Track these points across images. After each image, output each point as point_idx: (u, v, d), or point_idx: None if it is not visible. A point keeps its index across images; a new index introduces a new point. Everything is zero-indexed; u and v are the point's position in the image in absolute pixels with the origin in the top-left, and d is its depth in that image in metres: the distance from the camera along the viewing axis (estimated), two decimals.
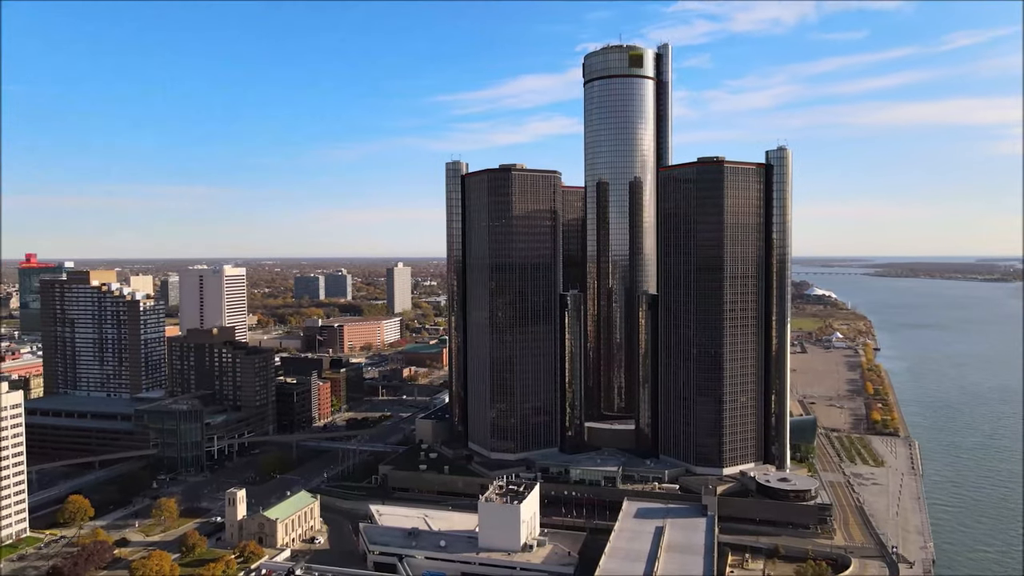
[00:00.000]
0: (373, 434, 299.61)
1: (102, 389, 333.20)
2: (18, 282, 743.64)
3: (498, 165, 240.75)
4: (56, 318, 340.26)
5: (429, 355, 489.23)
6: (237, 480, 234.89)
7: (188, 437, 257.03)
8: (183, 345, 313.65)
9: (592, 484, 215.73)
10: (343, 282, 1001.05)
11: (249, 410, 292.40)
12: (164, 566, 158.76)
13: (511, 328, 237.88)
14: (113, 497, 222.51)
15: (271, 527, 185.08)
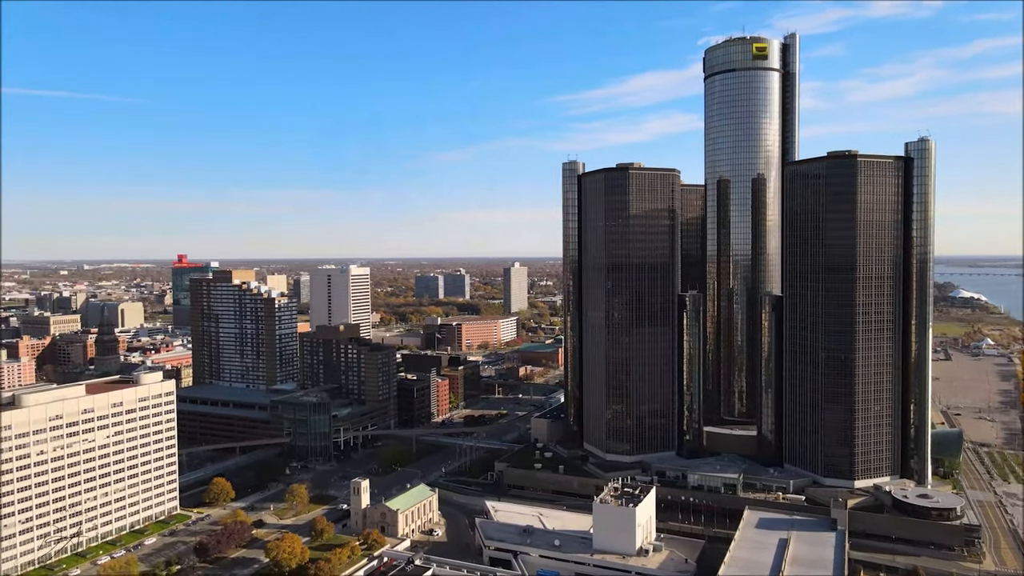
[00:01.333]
0: (489, 431, 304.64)
1: (242, 380, 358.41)
2: (171, 281, 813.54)
3: (615, 164, 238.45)
4: (203, 314, 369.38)
5: (545, 354, 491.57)
6: (361, 471, 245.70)
7: (317, 428, 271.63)
8: (313, 341, 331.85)
9: (711, 491, 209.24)
10: (461, 282, 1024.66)
11: (372, 404, 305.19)
12: (296, 548, 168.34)
13: (628, 329, 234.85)
14: (251, 481, 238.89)
15: (392, 517, 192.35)
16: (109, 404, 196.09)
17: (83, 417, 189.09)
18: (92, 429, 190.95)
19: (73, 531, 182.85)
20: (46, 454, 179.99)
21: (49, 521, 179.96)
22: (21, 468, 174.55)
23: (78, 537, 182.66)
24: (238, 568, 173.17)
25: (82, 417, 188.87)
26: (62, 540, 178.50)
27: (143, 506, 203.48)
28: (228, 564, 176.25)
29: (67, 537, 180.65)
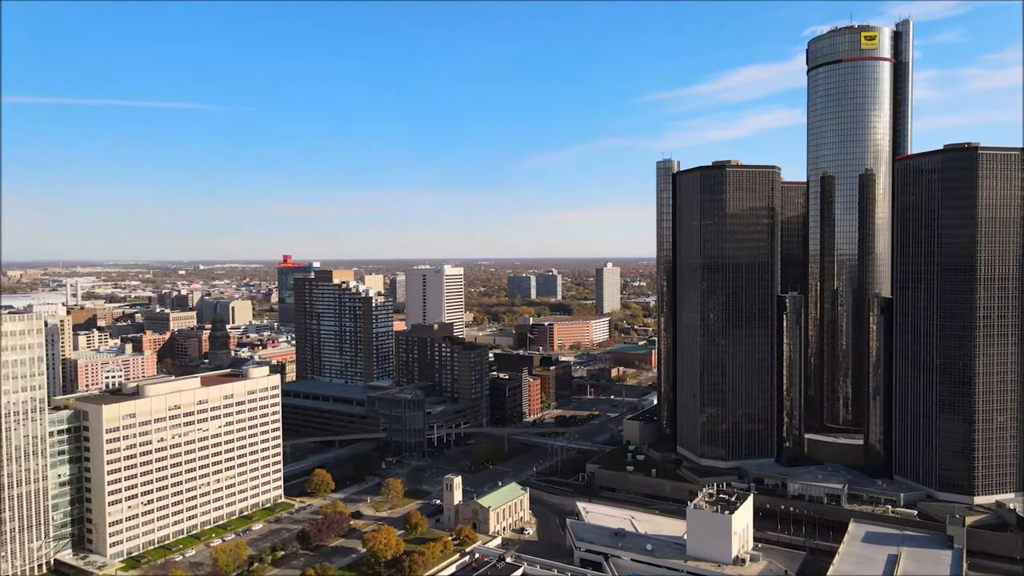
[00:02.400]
0: (580, 432, 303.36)
1: (341, 376, 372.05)
2: (277, 280, 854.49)
3: (711, 162, 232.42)
4: (305, 312, 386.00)
5: (637, 356, 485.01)
6: (454, 467, 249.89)
7: (412, 424, 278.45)
8: (408, 339, 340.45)
9: (813, 501, 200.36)
10: (554, 282, 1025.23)
11: (465, 402, 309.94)
12: (391, 540, 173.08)
13: (724, 331, 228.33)
14: (349, 473, 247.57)
15: (484, 514, 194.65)
16: (221, 396, 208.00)
17: (198, 408, 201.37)
18: (206, 419, 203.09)
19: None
20: (165, 441, 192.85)
21: (168, 504, 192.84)
22: (143, 454, 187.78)
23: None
24: (337, 557, 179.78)
25: (197, 408, 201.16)
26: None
27: (251, 493, 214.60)
28: (328, 552, 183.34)
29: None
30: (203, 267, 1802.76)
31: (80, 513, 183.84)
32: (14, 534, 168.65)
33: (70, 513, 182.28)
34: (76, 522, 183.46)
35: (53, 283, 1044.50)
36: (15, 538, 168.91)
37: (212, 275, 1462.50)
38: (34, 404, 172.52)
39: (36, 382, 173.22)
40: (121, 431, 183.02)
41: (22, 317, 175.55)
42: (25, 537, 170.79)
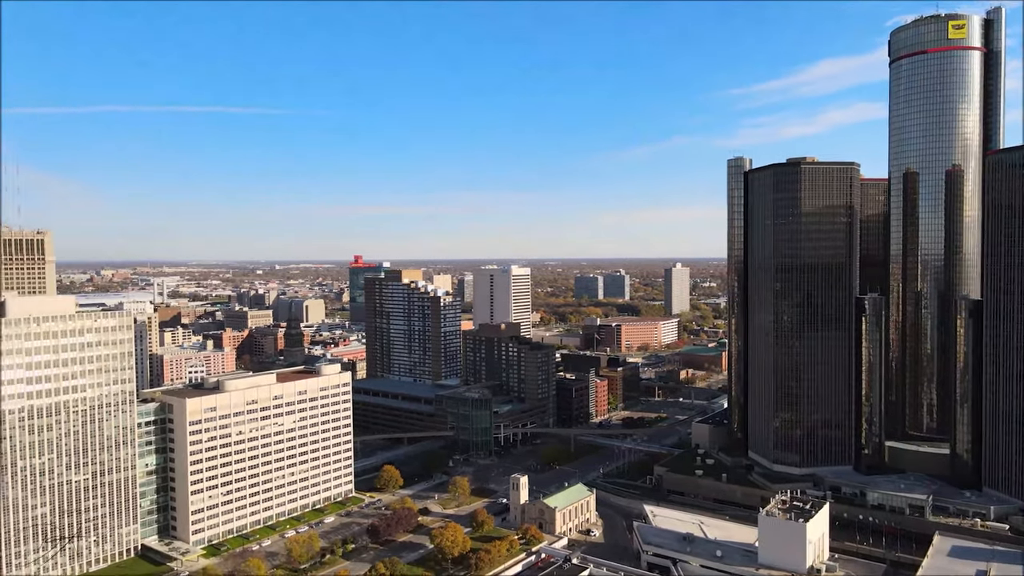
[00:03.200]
0: (648, 434, 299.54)
1: (410, 374, 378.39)
2: (348, 280, 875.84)
3: (785, 159, 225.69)
4: (376, 311, 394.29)
5: (707, 358, 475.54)
6: (520, 467, 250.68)
7: (479, 423, 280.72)
8: (475, 338, 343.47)
9: (894, 511, 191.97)
10: (621, 282, 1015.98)
11: (532, 402, 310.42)
12: (458, 537, 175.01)
13: (798, 333, 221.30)
14: (417, 470, 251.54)
15: (550, 514, 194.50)
16: (295, 392, 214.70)
17: (274, 403, 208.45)
18: (281, 414, 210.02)
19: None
20: (243, 434, 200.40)
21: (245, 495, 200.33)
22: (223, 446, 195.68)
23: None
24: (405, 552, 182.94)
25: (273, 403, 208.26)
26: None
27: (323, 487, 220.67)
28: (397, 547, 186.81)
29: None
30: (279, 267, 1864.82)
31: (165, 501, 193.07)
32: (105, 519, 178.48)
33: (156, 501, 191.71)
34: (162, 509, 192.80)
35: (142, 282, 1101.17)
36: (106, 523, 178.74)
37: (287, 275, 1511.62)
38: (124, 396, 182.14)
39: (126, 376, 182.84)
40: (203, 424, 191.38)
41: (114, 314, 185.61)
42: (115, 522, 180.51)
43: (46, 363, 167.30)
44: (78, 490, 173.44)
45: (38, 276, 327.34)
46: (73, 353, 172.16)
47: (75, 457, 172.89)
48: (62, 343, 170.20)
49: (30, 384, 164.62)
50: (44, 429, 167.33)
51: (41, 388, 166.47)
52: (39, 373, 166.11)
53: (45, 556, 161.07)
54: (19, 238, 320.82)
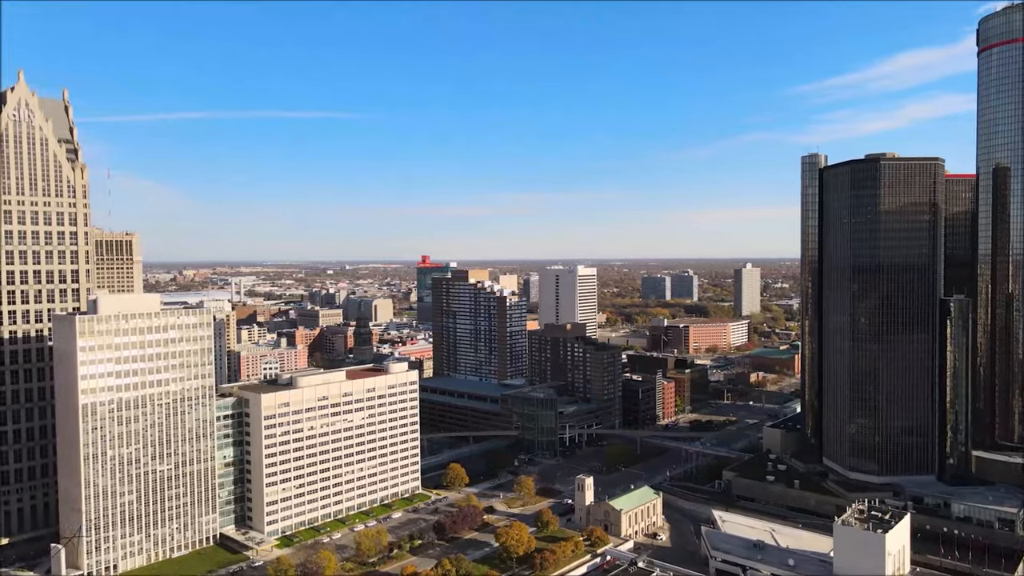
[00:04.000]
0: (716, 438, 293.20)
1: (475, 373, 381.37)
2: (416, 279, 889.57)
3: (864, 155, 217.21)
4: (442, 310, 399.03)
5: (779, 360, 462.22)
6: (585, 468, 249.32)
7: (544, 423, 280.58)
8: (541, 338, 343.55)
9: (982, 524, 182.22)
10: (689, 283, 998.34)
11: (597, 403, 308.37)
12: (523, 537, 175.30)
13: (876, 336, 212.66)
14: (482, 469, 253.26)
15: (616, 516, 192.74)
16: (364, 389, 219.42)
17: (343, 399, 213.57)
18: (351, 411, 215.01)
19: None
20: (315, 430, 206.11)
21: (317, 489, 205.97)
22: (296, 440, 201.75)
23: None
24: (471, 549, 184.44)
25: (343, 399, 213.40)
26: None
27: (390, 483, 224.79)
28: (462, 544, 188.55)
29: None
30: (349, 267, 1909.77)
31: (242, 492, 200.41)
32: (187, 508, 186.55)
33: (233, 492, 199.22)
34: (238, 500, 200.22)
35: (220, 282, 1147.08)
36: (188, 511, 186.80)
37: (357, 275, 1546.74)
38: (204, 391, 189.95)
39: (206, 371, 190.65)
40: (276, 418, 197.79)
41: (195, 312, 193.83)
42: (196, 511, 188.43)
43: (133, 358, 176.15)
44: (162, 479, 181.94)
45: (126, 276, 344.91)
46: (158, 348, 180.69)
47: (159, 448, 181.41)
48: (148, 339, 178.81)
49: (118, 377, 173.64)
50: (131, 420, 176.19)
51: (128, 382, 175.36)
52: (127, 367, 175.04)
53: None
54: (109, 240, 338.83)
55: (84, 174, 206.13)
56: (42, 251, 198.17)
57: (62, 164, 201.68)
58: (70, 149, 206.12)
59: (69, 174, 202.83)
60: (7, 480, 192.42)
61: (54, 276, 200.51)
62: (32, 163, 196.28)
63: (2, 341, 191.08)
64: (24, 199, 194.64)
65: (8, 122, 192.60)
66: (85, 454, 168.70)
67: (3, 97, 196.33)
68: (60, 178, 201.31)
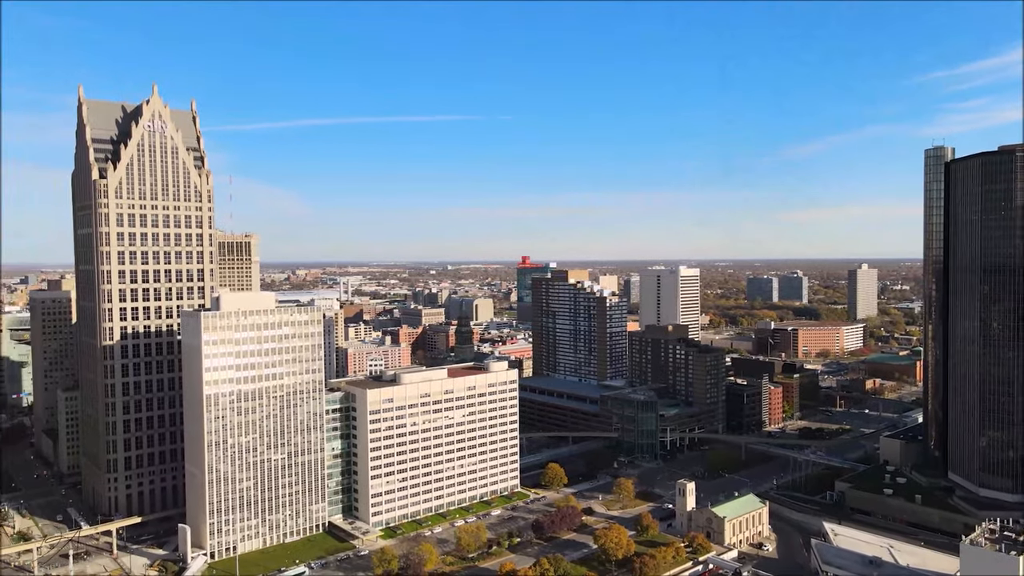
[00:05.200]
0: (828, 447, 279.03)
1: (575, 374, 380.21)
2: (516, 280, 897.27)
3: (996, 147, 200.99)
4: (542, 310, 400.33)
5: (898, 367, 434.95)
6: (686, 472, 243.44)
7: (644, 425, 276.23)
8: (642, 339, 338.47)
9: None
10: (798, 284, 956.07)
11: (700, 406, 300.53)
12: (622, 540, 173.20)
13: (1010, 342, 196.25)
14: (581, 469, 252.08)
15: (719, 524, 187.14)
16: (465, 387, 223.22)
17: (445, 397, 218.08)
18: (452, 408, 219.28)
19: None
20: (417, 426, 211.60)
21: (419, 483, 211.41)
22: (399, 435, 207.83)
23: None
24: (569, 550, 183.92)
25: (444, 397, 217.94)
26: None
27: (490, 480, 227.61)
28: (560, 544, 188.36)
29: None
30: (451, 267, 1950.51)
31: (349, 483, 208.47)
32: (298, 496, 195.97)
33: (341, 483, 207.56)
34: (345, 491, 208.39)
35: (330, 281, 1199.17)
36: (299, 499, 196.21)
37: (458, 275, 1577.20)
38: (314, 385, 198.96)
39: (316, 366, 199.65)
40: (381, 413, 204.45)
41: (307, 310, 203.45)
42: (307, 499, 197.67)
43: (250, 352, 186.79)
44: (276, 468, 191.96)
45: (245, 275, 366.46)
46: (272, 344, 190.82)
47: (274, 438, 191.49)
48: (264, 335, 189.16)
49: (238, 371, 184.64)
50: (249, 411, 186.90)
51: (246, 375, 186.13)
52: (245, 361, 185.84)
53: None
54: (230, 241, 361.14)
55: (209, 180, 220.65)
56: (172, 252, 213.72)
57: (190, 171, 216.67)
58: (197, 156, 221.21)
59: (196, 180, 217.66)
60: (141, 463, 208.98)
61: (183, 275, 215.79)
62: (164, 170, 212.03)
63: (138, 335, 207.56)
64: (157, 203, 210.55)
65: (143, 133, 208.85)
66: (208, 441, 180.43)
67: (139, 110, 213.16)
68: (188, 184, 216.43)
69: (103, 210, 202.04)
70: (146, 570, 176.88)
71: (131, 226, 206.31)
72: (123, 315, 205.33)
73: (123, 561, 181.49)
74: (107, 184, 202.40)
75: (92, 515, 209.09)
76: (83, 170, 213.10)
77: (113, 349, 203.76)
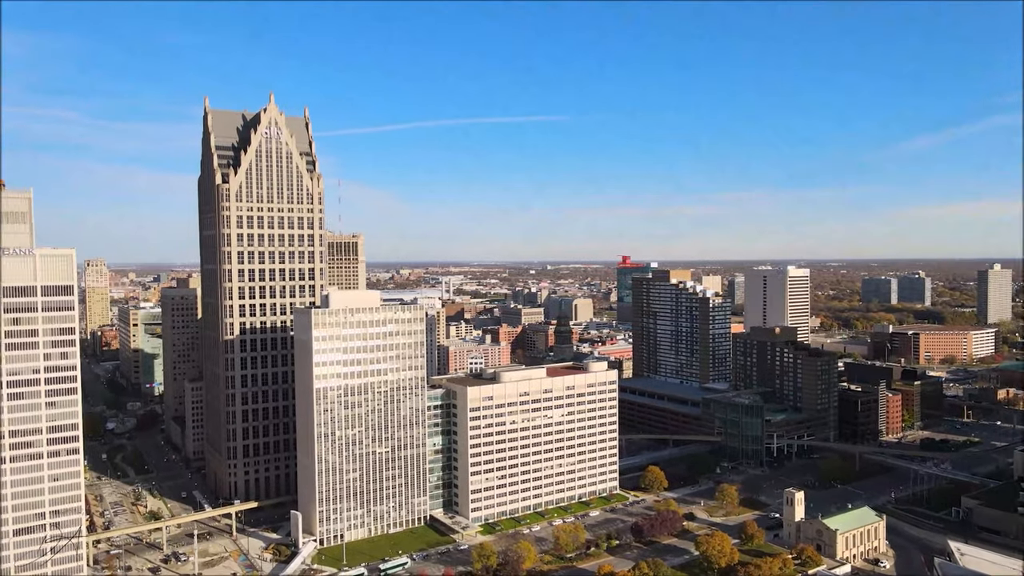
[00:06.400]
0: (953, 459, 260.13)
1: (676, 376, 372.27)
2: (616, 280, 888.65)
3: None
4: (643, 311, 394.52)
5: None
6: (795, 481, 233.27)
7: (749, 430, 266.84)
8: (746, 342, 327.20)
9: None
10: (920, 285, 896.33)
11: (809, 412, 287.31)
12: (725, 548, 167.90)
13: None
14: (681, 473, 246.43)
15: (830, 537, 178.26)
16: (564, 386, 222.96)
17: (544, 396, 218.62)
18: (550, 407, 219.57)
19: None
20: (516, 424, 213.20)
21: (517, 481, 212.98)
22: (499, 433, 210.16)
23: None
24: (669, 555, 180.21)
25: (543, 396, 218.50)
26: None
27: (588, 481, 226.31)
28: (660, 549, 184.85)
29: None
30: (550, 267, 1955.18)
31: (449, 479, 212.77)
32: (401, 488, 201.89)
33: (442, 478, 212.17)
34: (446, 486, 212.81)
35: (432, 280, 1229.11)
36: (402, 492, 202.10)
37: (558, 275, 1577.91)
38: (417, 381, 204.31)
39: (419, 363, 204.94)
40: (481, 411, 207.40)
41: (410, 308, 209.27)
42: (409, 492, 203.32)
43: (357, 348, 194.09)
44: (380, 460, 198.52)
45: (351, 274, 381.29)
46: (378, 340, 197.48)
47: (379, 432, 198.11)
48: (369, 332, 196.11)
49: (345, 366, 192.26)
50: (355, 405, 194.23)
51: (353, 370, 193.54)
52: (351, 356, 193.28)
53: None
54: (338, 241, 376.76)
55: (319, 183, 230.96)
56: (286, 252, 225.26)
57: (303, 174, 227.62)
58: (309, 161, 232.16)
59: (308, 183, 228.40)
60: (257, 451, 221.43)
61: (295, 274, 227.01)
62: (279, 175, 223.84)
63: (255, 330, 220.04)
64: (272, 206, 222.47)
65: (261, 139, 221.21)
66: (318, 433, 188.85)
67: (257, 117, 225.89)
68: (301, 187, 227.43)
69: (225, 213, 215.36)
70: (261, 552, 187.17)
71: (249, 228, 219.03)
72: (241, 311, 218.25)
73: (241, 543, 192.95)
74: (228, 188, 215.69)
75: (214, 498, 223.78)
76: (208, 175, 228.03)
77: (233, 343, 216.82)
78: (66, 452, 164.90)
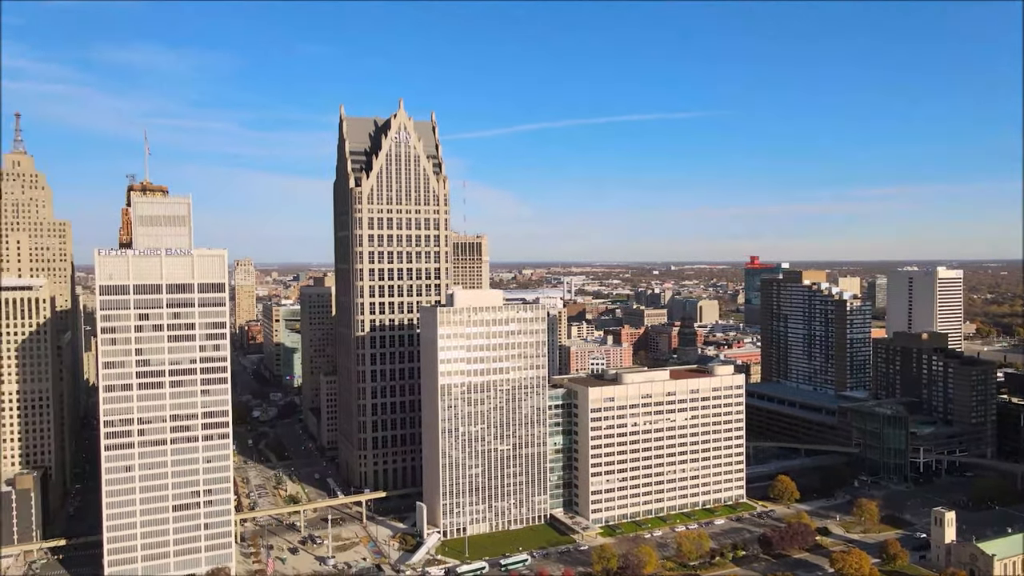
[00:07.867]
0: None
1: (809, 382, 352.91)
2: (743, 281, 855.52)
3: None
4: (772, 313, 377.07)
5: None
6: (944, 500, 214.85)
7: (891, 443, 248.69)
8: (889, 348, 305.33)
9: None
10: None
11: (961, 426, 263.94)
12: (864, 567, 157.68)
13: None
14: (814, 485, 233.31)
15: (986, 562, 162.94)
16: (688, 390, 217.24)
17: (666, 399, 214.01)
18: (673, 410, 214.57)
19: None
20: (637, 426, 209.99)
21: (638, 484, 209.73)
22: (620, 435, 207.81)
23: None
24: (800, 570, 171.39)
25: (665, 398, 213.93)
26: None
27: (713, 488, 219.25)
28: (791, 563, 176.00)
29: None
30: (674, 267, 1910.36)
31: (569, 479, 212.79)
32: (521, 487, 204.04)
33: (562, 477, 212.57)
34: (566, 486, 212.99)
35: (554, 280, 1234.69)
36: (522, 490, 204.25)
37: (682, 275, 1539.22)
38: (538, 380, 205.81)
39: (540, 362, 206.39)
40: (602, 412, 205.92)
41: (532, 308, 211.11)
42: (530, 490, 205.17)
43: (480, 346, 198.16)
44: (502, 458, 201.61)
45: (475, 273, 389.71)
46: (500, 339, 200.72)
47: (500, 429, 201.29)
48: (492, 330, 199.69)
49: (468, 363, 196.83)
50: (478, 402, 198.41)
51: (476, 367, 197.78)
52: (475, 354, 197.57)
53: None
54: (463, 241, 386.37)
55: (445, 185, 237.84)
56: (413, 252, 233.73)
57: (429, 177, 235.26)
58: (435, 164, 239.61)
59: (435, 186, 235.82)
60: (386, 443, 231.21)
61: (422, 273, 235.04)
62: (407, 177, 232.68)
63: (384, 327, 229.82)
64: (401, 208, 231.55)
65: (391, 144, 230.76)
66: (442, 428, 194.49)
67: (387, 123, 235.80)
68: (428, 189, 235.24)
69: (357, 215, 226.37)
70: (389, 540, 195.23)
71: (379, 229, 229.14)
72: (372, 309, 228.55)
73: (371, 530, 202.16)
74: (361, 191, 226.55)
75: (346, 486, 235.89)
76: (342, 179, 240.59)
77: (364, 339, 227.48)
78: (218, 436, 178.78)
